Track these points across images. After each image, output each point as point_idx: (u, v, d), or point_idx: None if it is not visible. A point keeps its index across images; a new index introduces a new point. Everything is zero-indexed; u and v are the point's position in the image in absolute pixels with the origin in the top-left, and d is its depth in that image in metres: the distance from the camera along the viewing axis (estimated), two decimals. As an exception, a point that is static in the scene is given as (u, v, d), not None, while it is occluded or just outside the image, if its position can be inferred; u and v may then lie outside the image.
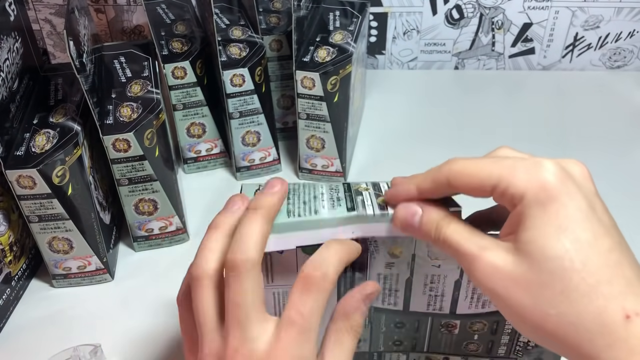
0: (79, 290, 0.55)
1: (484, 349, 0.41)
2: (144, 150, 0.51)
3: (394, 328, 0.41)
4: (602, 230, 0.27)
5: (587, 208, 0.27)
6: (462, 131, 0.73)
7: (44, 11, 0.79)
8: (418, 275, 0.38)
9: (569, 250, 0.26)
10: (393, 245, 0.36)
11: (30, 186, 0.47)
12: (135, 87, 0.55)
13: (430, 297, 0.39)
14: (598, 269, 0.26)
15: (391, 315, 0.40)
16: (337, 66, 0.57)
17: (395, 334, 0.41)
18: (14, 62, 0.51)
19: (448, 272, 0.37)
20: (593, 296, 0.26)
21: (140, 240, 0.58)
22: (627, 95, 0.79)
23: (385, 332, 0.41)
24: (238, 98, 0.61)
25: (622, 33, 0.80)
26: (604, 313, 0.25)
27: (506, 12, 0.79)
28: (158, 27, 0.64)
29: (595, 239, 0.27)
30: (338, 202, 0.35)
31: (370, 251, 0.36)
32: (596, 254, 0.26)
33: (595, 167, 0.67)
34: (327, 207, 0.35)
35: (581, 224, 0.27)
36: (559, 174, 0.28)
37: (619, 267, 0.26)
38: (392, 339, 0.42)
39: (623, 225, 0.59)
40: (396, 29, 0.82)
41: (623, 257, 0.27)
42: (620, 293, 0.26)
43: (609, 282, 0.26)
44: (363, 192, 0.36)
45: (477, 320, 0.40)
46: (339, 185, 0.38)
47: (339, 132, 0.61)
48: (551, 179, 0.28)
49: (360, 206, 0.35)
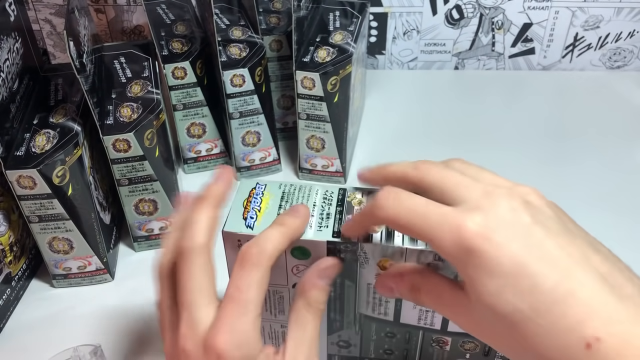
0: (79, 290, 0.55)
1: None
2: (144, 150, 0.51)
3: (384, 337, 0.41)
4: (549, 262, 0.26)
5: (525, 248, 0.27)
6: (462, 131, 0.73)
7: (44, 11, 0.79)
8: None
9: (514, 303, 0.26)
10: (382, 257, 0.35)
11: (31, 186, 0.47)
12: (136, 87, 0.55)
13: (421, 312, 0.38)
14: (549, 308, 0.26)
15: (382, 325, 0.40)
16: (337, 66, 0.57)
17: (386, 343, 0.41)
18: (14, 63, 0.51)
19: None
20: (553, 335, 0.26)
21: (141, 241, 0.58)
22: (627, 95, 0.79)
23: (376, 340, 0.41)
24: (238, 98, 0.61)
25: (622, 33, 0.80)
26: (567, 349, 0.25)
27: (506, 12, 0.79)
28: (158, 27, 0.64)
29: (538, 280, 0.26)
30: (326, 221, 0.36)
31: (359, 262, 0.36)
32: (541, 293, 0.26)
33: (595, 167, 0.67)
34: (315, 226, 0.35)
35: (518, 271, 0.26)
36: (485, 228, 0.27)
37: (572, 296, 0.26)
38: (382, 347, 0.42)
39: (623, 225, 0.59)
40: (396, 29, 0.82)
41: (576, 282, 0.26)
42: (578, 322, 0.25)
43: (564, 316, 0.25)
44: (354, 208, 0.36)
45: (469, 340, 0.40)
46: (334, 192, 0.38)
47: (339, 132, 0.61)
48: (472, 240, 0.27)
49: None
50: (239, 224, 0.36)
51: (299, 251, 0.36)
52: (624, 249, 0.61)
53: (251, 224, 0.36)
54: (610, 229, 0.61)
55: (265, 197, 0.38)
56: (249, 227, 0.36)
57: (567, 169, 0.66)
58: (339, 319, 0.40)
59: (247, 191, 0.38)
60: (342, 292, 0.38)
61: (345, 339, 0.41)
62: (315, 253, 0.35)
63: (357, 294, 0.38)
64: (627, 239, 0.58)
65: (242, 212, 0.37)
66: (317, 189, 0.38)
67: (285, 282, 0.38)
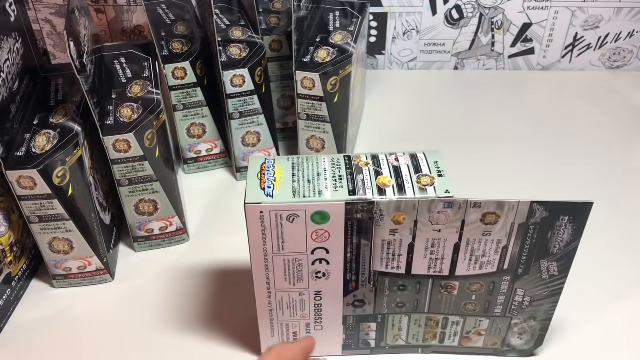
0: (79, 290, 0.55)
1: (481, 308, 0.44)
2: (144, 150, 0.51)
3: (396, 291, 0.43)
4: None
5: None
6: (462, 131, 0.73)
7: (44, 11, 0.79)
8: (420, 239, 0.39)
9: None
10: (396, 212, 0.38)
11: (31, 187, 0.47)
12: (136, 87, 0.55)
13: (431, 260, 0.41)
14: None
15: (394, 279, 0.42)
16: (337, 67, 0.57)
17: (397, 297, 0.43)
18: (15, 63, 0.51)
19: (448, 236, 0.39)
20: None
21: (141, 241, 0.58)
22: (627, 95, 0.79)
23: (389, 295, 0.43)
24: (238, 98, 0.61)
25: (621, 33, 0.80)
26: None
27: (506, 12, 0.79)
28: (158, 27, 0.64)
29: None
30: (340, 182, 0.38)
31: (375, 220, 0.38)
32: None
33: (595, 166, 0.67)
34: (330, 187, 0.38)
35: None
36: None
37: None
38: (394, 302, 0.44)
39: (622, 225, 0.59)
40: (396, 29, 0.82)
41: None
42: None
43: None
44: (363, 169, 0.39)
45: (475, 282, 0.42)
46: (340, 158, 0.41)
47: (339, 132, 0.61)
48: None
49: (360, 189, 0.38)
50: (259, 194, 0.38)
51: (319, 215, 0.38)
52: (624, 248, 0.61)
53: (270, 192, 0.38)
54: (610, 228, 0.61)
55: (277, 169, 0.40)
56: (268, 196, 0.38)
57: (566, 169, 0.66)
58: (355, 279, 0.42)
59: (258, 165, 0.40)
60: (357, 252, 0.40)
61: (360, 298, 0.43)
62: (334, 215, 0.38)
63: (372, 251, 0.40)
64: (627, 239, 0.58)
65: (259, 183, 0.39)
66: (323, 158, 0.41)
67: (304, 249, 0.40)
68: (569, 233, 0.39)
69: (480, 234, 0.39)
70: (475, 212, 0.37)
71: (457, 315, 0.44)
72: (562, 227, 0.38)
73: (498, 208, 0.37)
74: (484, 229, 0.38)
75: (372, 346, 0.46)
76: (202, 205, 0.63)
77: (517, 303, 0.43)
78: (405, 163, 0.40)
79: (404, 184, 0.38)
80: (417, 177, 0.39)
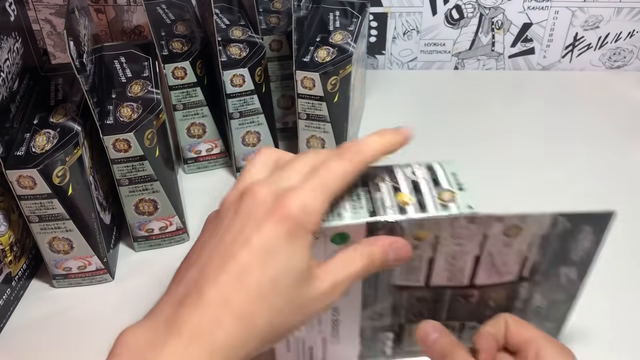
0: (79, 290, 0.55)
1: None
2: (144, 150, 0.51)
3: (415, 302, 0.42)
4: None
5: None
6: (462, 131, 0.73)
7: (44, 11, 0.79)
8: (440, 254, 0.39)
9: None
10: (419, 230, 0.37)
11: (31, 186, 0.47)
12: (136, 87, 0.55)
13: (450, 272, 0.40)
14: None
15: (413, 292, 0.41)
16: (337, 66, 0.57)
17: (416, 308, 0.43)
18: (14, 62, 0.51)
19: (469, 249, 0.38)
20: None
21: (141, 241, 0.58)
22: (627, 95, 0.79)
23: (407, 306, 0.42)
24: (238, 98, 0.61)
25: (621, 33, 0.80)
26: None
27: (506, 12, 0.79)
28: (158, 27, 0.64)
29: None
30: (359, 202, 0.37)
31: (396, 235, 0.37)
32: None
33: (595, 166, 0.67)
34: (350, 209, 0.36)
35: None
36: None
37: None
38: (412, 312, 0.43)
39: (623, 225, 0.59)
40: (396, 29, 0.82)
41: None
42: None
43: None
44: (380, 186, 0.38)
45: (494, 290, 0.41)
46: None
47: (339, 132, 0.61)
48: None
49: (380, 209, 0.36)
50: None
51: (339, 237, 0.36)
52: (624, 248, 0.61)
53: None
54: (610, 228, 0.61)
55: None
56: None
57: (566, 169, 0.66)
58: (373, 293, 0.41)
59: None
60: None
61: (377, 311, 0.42)
62: (354, 236, 0.36)
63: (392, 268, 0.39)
64: (627, 238, 0.58)
65: None
66: None
67: None
68: (590, 240, 0.38)
69: (502, 246, 0.38)
70: (498, 225, 0.37)
71: (474, 320, 0.43)
72: (583, 235, 0.38)
73: (521, 221, 0.37)
74: (505, 241, 0.38)
75: (388, 354, 0.46)
76: (202, 205, 0.63)
77: (535, 307, 0.42)
78: (422, 177, 0.39)
79: (424, 200, 0.37)
80: (438, 192, 0.37)
